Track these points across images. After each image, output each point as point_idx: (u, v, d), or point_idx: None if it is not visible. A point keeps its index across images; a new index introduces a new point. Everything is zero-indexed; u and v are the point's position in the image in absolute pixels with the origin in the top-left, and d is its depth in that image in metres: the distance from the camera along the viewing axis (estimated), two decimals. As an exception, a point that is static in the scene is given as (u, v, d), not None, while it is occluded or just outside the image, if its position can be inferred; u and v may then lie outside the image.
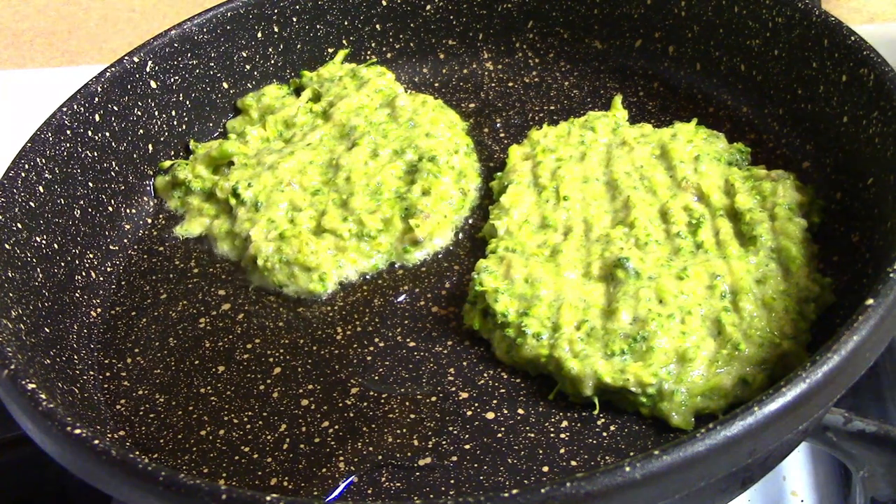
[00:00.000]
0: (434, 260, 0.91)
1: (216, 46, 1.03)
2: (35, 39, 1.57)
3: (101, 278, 0.92)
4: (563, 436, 0.74)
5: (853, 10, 1.41)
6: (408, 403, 0.78)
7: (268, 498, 0.58)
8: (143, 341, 0.87)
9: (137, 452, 0.75)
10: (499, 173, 0.96)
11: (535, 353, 0.78)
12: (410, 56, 1.12)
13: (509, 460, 0.73)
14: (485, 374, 0.80)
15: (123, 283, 0.92)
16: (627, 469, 0.57)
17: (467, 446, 0.74)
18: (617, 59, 1.08)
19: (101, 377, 0.84)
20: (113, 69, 0.96)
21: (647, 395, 0.73)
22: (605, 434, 0.74)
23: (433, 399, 0.78)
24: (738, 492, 0.71)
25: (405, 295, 0.88)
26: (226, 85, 1.05)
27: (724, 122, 0.99)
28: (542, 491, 0.57)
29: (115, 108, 0.96)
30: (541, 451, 0.73)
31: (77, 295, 0.88)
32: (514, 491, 0.57)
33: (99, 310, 0.90)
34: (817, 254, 0.83)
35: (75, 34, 1.57)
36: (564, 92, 1.07)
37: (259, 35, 1.06)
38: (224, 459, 0.76)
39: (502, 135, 1.03)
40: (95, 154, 0.94)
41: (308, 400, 0.80)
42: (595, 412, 0.75)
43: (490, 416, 0.77)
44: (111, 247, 0.95)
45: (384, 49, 1.11)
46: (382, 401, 0.79)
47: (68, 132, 0.91)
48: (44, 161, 0.88)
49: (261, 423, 0.78)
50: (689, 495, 0.61)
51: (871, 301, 0.65)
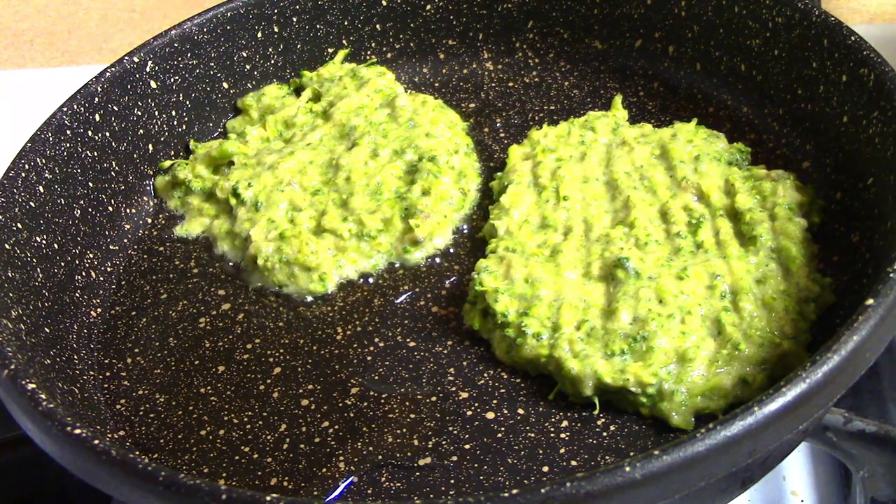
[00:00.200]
0: (434, 260, 0.91)
1: (216, 46, 1.03)
2: (35, 39, 1.57)
3: (101, 278, 0.92)
4: (563, 436, 0.74)
5: (853, 10, 1.41)
6: (408, 403, 0.78)
7: (268, 498, 0.58)
8: (143, 341, 0.87)
9: (137, 452, 0.75)
10: (499, 173, 0.96)
11: (535, 353, 0.78)
12: (410, 56, 1.12)
13: (509, 460, 0.73)
14: (485, 374, 0.80)
15: (123, 283, 0.92)
16: (627, 469, 0.57)
17: (467, 446, 0.74)
18: (617, 59, 1.08)
19: (101, 377, 0.84)
20: (113, 69, 0.96)
21: (647, 395, 0.73)
22: (605, 434, 0.74)
23: (433, 399, 0.78)
24: (738, 492, 0.71)
25: (405, 295, 0.88)
26: (226, 85, 1.05)
27: (724, 122, 0.99)
28: (542, 491, 0.57)
29: (115, 108, 0.96)
30: (541, 451, 0.73)
31: (77, 295, 0.88)
32: (514, 491, 0.57)
33: (99, 310, 0.90)
34: (817, 254, 0.83)
35: (75, 34, 1.57)
36: (564, 92, 1.07)
37: (259, 35, 1.06)
38: (224, 459, 0.76)
39: (502, 135, 1.03)
40: (95, 154, 0.94)
41: (308, 400, 0.80)
42: (595, 412, 0.75)
43: (490, 416, 0.77)
44: (111, 247, 0.95)
45: (384, 49, 1.11)
46: (382, 401, 0.79)
47: (68, 132, 0.91)
48: (44, 161, 0.88)
49: (261, 423, 0.78)
50: (689, 495, 0.61)
51: (871, 301, 0.65)
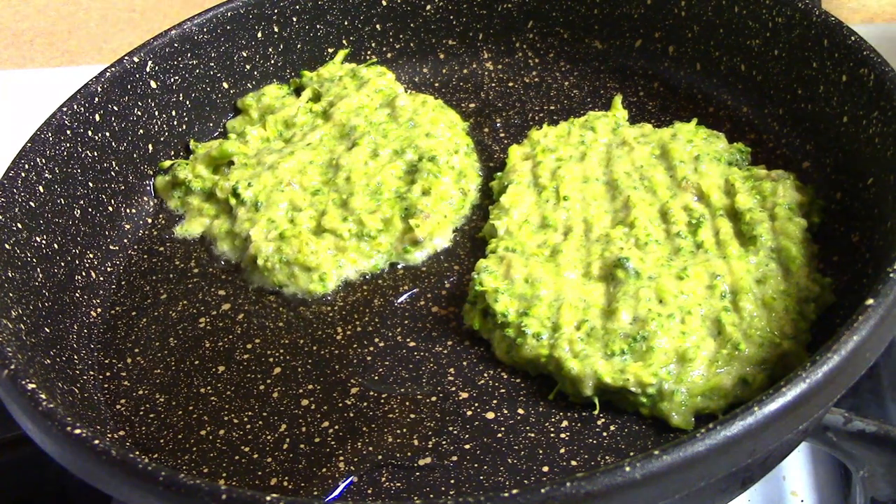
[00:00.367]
0: (434, 260, 0.91)
1: (216, 46, 1.03)
2: (35, 39, 1.57)
3: (101, 278, 0.92)
4: (563, 436, 0.74)
5: (853, 10, 1.41)
6: (408, 403, 0.78)
7: (268, 498, 0.58)
8: (143, 341, 0.87)
9: (137, 452, 0.75)
10: (499, 173, 0.96)
11: (535, 353, 0.78)
12: (410, 56, 1.12)
13: (509, 460, 0.73)
14: (485, 374, 0.80)
15: (123, 283, 0.92)
16: (627, 469, 0.57)
17: (467, 446, 0.74)
18: (617, 59, 1.08)
19: (101, 377, 0.84)
20: (113, 69, 0.96)
21: (647, 395, 0.73)
22: (605, 434, 0.74)
23: (433, 399, 0.78)
24: (738, 492, 0.71)
25: (405, 295, 0.88)
26: (226, 85, 1.05)
27: (724, 122, 0.99)
28: (542, 491, 0.57)
29: (115, 108, 0.96)
30: (541, 451, 0.73)
31: (77, 295, 0.88)
32: (514, 491, 0.57)
33: (99, 310, 0.90)
34: (817, 254, 0.83)
35: (75, 34, 1.57)
36: (564, 92, 1.07)
37: (259, 35, 1.06)
38: (224, 459, 0.76)
39: (502, 135, 1.03)
40: (95, 154, 0.94)
41: (308, 400, 0.80)
42: (595, 412, 0.75)
43: (490, 416, 0.77)
44: (111, 247, 0.95)
45: (384, 49, 1.11)
46: (382, 401, 0.79)
47: (68, 132, 0.91)
48: (44, 161, 0.88)
49: (261, 423, 0.78)
50: (689, 495, 0.61)
51: (871, 301, 0.65)
